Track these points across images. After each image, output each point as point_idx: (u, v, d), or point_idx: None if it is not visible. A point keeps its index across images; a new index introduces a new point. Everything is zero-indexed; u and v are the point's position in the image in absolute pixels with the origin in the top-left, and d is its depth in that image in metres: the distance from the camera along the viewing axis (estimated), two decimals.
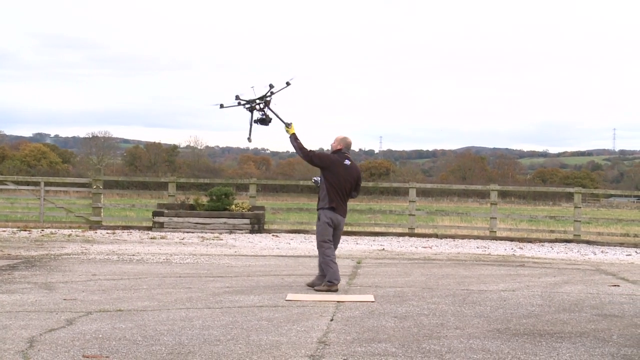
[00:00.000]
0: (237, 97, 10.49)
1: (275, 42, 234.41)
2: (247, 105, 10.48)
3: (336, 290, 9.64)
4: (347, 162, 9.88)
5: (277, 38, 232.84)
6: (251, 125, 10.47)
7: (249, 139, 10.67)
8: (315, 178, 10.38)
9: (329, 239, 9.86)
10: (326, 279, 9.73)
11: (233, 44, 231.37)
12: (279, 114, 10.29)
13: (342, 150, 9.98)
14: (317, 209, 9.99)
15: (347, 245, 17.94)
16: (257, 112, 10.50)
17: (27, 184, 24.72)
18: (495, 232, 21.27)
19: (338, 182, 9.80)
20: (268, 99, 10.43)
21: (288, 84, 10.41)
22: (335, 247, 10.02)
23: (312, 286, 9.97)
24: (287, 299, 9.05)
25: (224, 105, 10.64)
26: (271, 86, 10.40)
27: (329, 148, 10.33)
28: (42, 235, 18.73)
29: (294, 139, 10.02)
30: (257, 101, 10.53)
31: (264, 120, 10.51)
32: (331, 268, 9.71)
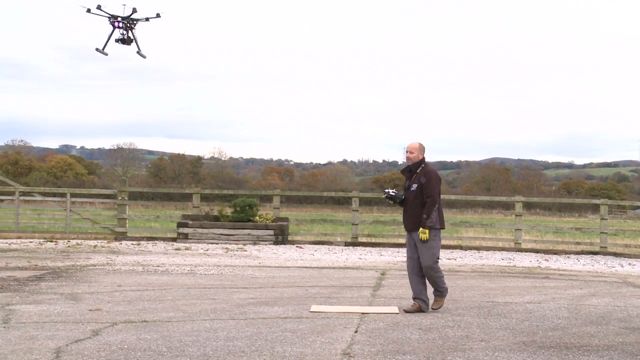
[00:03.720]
0: (98, 7, 11.62)
1: (293, 54, 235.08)
2: (111, 20, 11.48)
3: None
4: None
5: (295, 50, 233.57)
6: (108, 39, 11.67)
7: (100, 50, 11.50)
8: (392, 191, 9.44)
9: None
10: (443, 292, 9.25)
11: (254, 55, 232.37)
12: (138, 40, 11.09)
13: (425, 158, 9.30)
14: (429, 227, 8.98)
15: (371, 257, 17.90)
16: (118, 30, 11.50)
17: (54, 195, 24.95)
18: (520, 243, 21.11)
19: (440, 194, 9.26)
20: (134, 22, 11.31)
21: (158, 15, 11.28)
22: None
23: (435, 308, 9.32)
24: (311, 310, 9.04)
25: (91, 11, 11.72)
26: (134, 10, 11.46)
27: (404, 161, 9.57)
28: (68, 246, 18.88)
29: (430, 223, 9.02)
30: (119, 18, 11.43)
31: (125, 41, 11.61)
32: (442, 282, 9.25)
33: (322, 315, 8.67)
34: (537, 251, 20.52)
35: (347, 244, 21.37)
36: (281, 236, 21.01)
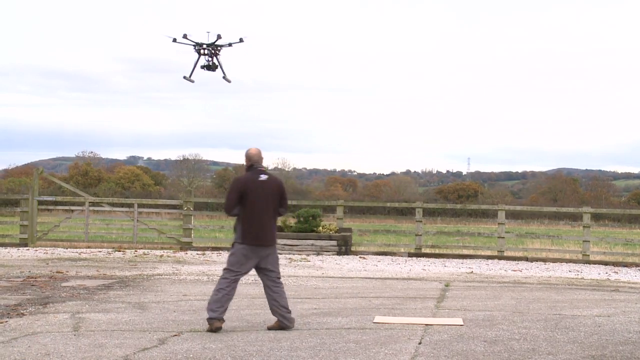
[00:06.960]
0: (184, 36, 12.24)
1: (355, 62, 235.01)
2: (196, 47, 11.96)
3: (218, 329, 8.17)
4: (262, 177, 8.53)
5: (358, 58, 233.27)
6: (195, 66, 12.20)
7: (187, 78, 12.06)
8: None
9: (238, 271, 8.48)
10: (210, 318, 8.21)
11: (316, 66, 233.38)
12: (223, 66, 11.47)
13: (254, 166, 8.58)
14: (235, 242, 8.66)
15: (434, 268, 17.76)
16: (204, 57, 11.98)
17: (122, 205, 25.47)
18: (589, 255, 20.66)
19: (256, 205, 8.43)
20: (219, 49, 11.69)
21: (241, 40, 11.58)
22: (279, 276, 8.69)
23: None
24: (374, 321, 9.01)
25: (177, 40, 12.25)
26: (219, 37, 11.90)
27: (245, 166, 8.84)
28: (136, 256, 19.24)
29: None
30: (204, 46, 11.88)
31: (210, 67, 12.08)
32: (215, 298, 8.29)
33: (386, 327, 8.64)
34: (606, 263, 20.04)
35: (410, 255, 21.25)
36: (344, 247, 21.02)
